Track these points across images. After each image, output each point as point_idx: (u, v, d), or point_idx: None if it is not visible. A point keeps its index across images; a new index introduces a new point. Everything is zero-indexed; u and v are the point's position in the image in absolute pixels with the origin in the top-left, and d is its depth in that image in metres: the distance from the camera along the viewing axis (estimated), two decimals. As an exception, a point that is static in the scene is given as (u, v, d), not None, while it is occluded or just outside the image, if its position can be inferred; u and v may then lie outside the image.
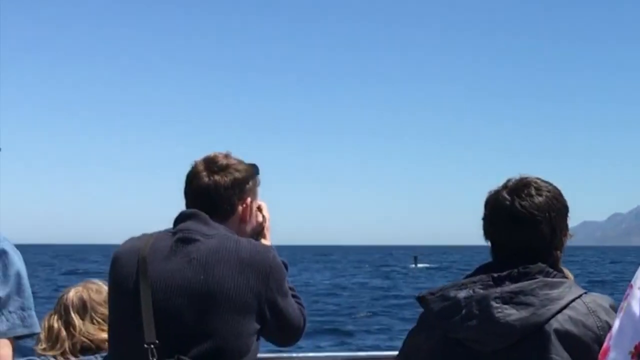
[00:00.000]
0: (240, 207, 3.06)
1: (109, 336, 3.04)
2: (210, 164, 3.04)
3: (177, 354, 2.75)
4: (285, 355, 3.85)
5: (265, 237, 3.18)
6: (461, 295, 2.56)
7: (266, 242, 3.14)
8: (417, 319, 2.73)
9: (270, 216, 3.21)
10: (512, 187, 2.66)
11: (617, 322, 2.13)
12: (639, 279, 2.07)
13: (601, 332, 2.46)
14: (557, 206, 2.66)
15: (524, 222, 2.60)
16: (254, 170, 3.12)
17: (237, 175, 3.03)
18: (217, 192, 3.00)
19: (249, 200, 3.08)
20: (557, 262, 2.67)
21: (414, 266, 79.74)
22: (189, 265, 2.84)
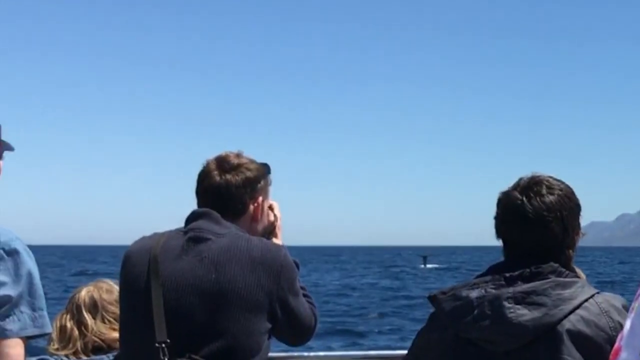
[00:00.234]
0: (251, 206, 3.05)
1: (120, 335, 3.04)
2: (222, 163, 3.04)
3: (188, 352, 2.75)
4: (296, 354, 3.85)
5: (276, 237, 3.18)
6: (473, 295, 2.55)
7: (277, 241, 3.14)
8: (427, 319, 2.73)
9: (281, 216, 3.21)
10: (524, 185, 2.65)
11: (628, 323, 2.13)
12: None
13: (613, 333, 2.45)
14: (569, 205, 2.65)
15: (536, 221, 2.60)
16: (265, 169, 3.12)
17: (248, 174, 3.03)
18: (229, 191, 3.00)
19: (260, 199, 3.07)
20: (569, 261, 2.66)
21: (423, 266, 79.65)
22: (201, 264, 2.84)
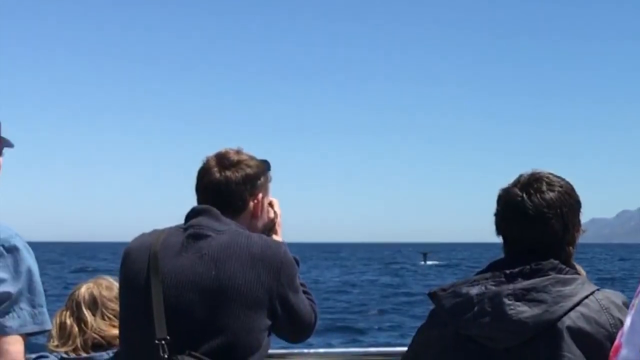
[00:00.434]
0: (251, 203, 3.05)
1: (119, 332, 3.04)
2: (221, 159, 3.03)
3: (188, 349, 2.75)
4: (296, 351, 3.85)
5: (276, 233, 3.18)
6: (473, 291, 2.55)
7: (278, 238, 3.13)
8: (428, 315, 2.73)
9: (281, 212, 3.21)
10: (524, 182, 2.65)
11: (628, 319, 2.13)
12: None
13: (614, 330, 2.45)
14: (569, 202, 2.65)
15: (535, 218, 2.59)
16: (265, 166, 3.12)
17: (248, 171, 3.03)
18: (229, 187, 3.00)
19: (260, 196, 3.07)
20: (569, 257, 2.65)
21: (423, 263, 79.70)
22: (200, 260, 2.84)
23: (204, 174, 3.04)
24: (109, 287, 3.48)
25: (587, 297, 2.53)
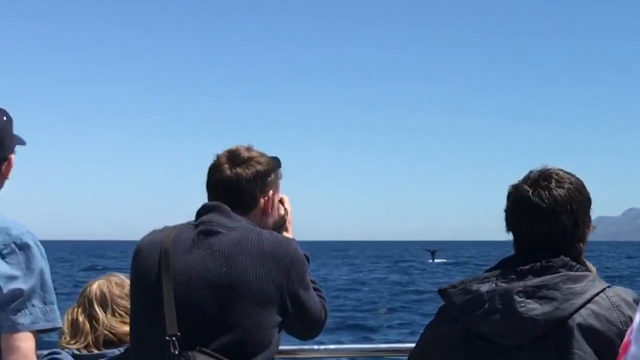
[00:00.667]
0: (262, 200, 3.05)
1: (130, 329, 3.04)
2: (232, 156, 3.04)
3: (199, 346, 2.75)
4: (307, 347, 3.85)
5: (287, 230, 3.18)
6: (484, 289, 2.55)
7: (288, 235, 3.14)
8: (437, 312, 2.73)
9: (292, 209, 3.21)
10: (534, 179, 2.65)
11: (637, 317, 2.13)
12: None
13: (624, 328, 2.45)
14: (580, 198, 2.64)
15: (545, 215, 2.59)
16: (276, 163, 3.12)
17: (259, 168, 3.03)
18: (239, 184, 3.00)
19: (271, 193, 3.07)
20: (580, 254, 2.65)
21: (431, 261, 79.62)
22: (212, 257, 2.84)
23: (215, 171, 3.04)
24: (120, 284, 3.48)
25: (598, 294, 2.52)
